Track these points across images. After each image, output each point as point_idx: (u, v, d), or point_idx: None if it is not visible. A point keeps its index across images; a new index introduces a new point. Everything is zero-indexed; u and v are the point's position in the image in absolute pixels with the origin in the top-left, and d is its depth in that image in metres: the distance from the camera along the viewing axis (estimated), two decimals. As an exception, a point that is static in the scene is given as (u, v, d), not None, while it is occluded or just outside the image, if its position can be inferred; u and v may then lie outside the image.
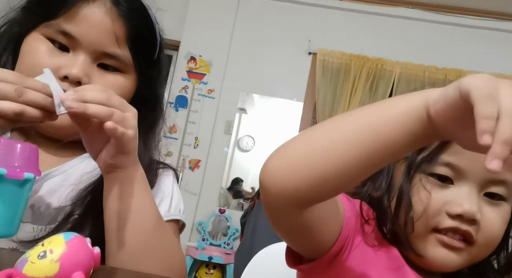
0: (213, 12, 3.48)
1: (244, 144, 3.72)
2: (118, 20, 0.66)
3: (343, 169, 0.43)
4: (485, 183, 0.55)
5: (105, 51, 0.66)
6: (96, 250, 0.41)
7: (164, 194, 0.72)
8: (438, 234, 0.55)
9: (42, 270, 0.37)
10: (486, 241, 0.55)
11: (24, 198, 0.51)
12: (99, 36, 0.65)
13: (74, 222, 0.63)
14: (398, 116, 0.41)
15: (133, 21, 0.67)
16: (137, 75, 0.71)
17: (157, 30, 0.73)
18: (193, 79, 3.44)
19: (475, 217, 0.53)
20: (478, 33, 3.36)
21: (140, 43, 0.69)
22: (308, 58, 3.45)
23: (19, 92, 0.51)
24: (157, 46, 0.74)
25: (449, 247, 0.54)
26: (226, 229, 3.25)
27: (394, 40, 3.40)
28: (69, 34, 0.64)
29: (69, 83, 0.63)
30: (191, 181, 3.26)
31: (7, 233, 0.50)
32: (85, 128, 0.56)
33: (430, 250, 0.55)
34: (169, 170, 0.77)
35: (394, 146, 0.41)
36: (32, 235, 0.62)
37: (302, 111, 3.43)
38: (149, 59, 0.73)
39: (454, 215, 0.54)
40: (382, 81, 3.33)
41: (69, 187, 0.66)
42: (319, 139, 0.45)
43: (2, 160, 0.48)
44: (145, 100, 0.74)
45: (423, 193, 0.56)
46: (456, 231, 0.54)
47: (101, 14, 0.65)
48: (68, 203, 0.64)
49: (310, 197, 0.46)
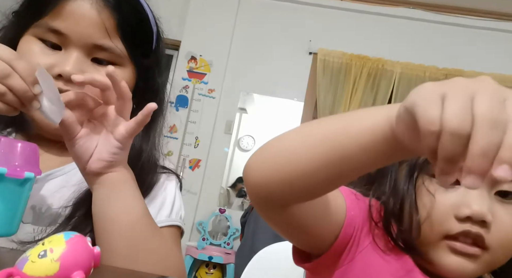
0: (214, 12, 3.48)
1: (244, 144, 3.72)
2: (105, 11, 0.64)
3: (307, 175, 0.42)
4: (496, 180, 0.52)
5: (96, 44, 0.64)
6: (96, 250, 0.41)
7: (166, 199, 0.71)
8: (449, 241, 0.52)
9: (42, 269, 0.37)
10: (501, 244, 0.51)
11: (24, 197, 0.51)
12: (87, 29, 0.64)
13: (74, 224, 0.62)
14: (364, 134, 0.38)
15: (122, 11, 0.66)
16: (134, 66, 0.70)
17: (151, 18, 0.71)
18: (194, 78, 3.44)
19: (485, 218, 0.50)
20: (479, 33, 3.35)
21: (132, 33, 0.68)
22: (308, 58, 3.45)
23: (5, 74, 0.50)
24: (153, 34, 0.72)
25: (462, 254, 0.51)
26: (226, 228, 3.25)
27: (394, 40, 3.40)
28: (57, 31, 0.63)
29: (64, 81, 0.62)
30: (191, 181, 3.26)
31: (7, 233, 0.50)
32: (73, 135, 0.56)
33: (443, 258, 0.52)
34: (172, 176, 0.76)
35: (360, 162, 0.40)
36: (32, 236, 0.62)
37: (303, 111, 3.42)
38: (145, 49, 0.72)
39: (463, 217, 0.51)
40: (382, 81, 3.33)
41: (71, 189, 0.65)
42: (287, 143, 0.45)
43: (3, 159, 0.48)
44: (145, 91, 0.72)
45: (427, 197, 0.53)
46: (467, 235, 0.51)
47: (86, 6, 0.64)
48: (69, 204, 0.64)
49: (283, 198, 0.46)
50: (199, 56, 3.45)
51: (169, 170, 0.76)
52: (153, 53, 0.73)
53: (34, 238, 0.61)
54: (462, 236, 0.51)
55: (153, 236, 0.60)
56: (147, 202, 0.64)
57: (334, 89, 3.35)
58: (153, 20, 0.72)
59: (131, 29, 0.67)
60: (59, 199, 0.65)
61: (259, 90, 3.49)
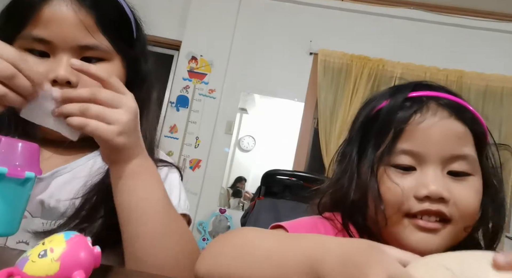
0: (215, 12, 3.48)
1: (245, 144, 3.72)
2: (81, 11, 0.65)
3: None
4: (446, 161, 0.56)
5: (81, 44, 0.65)
6: (96, 249, 0.41)
7: (173, 190, 0.72)
8: (411, 219, 0.56)
9: (42, 269, 0.37)
10: (462, 214, 0.56)
11: (25, 197, 0.51)
12: (69, 32, 0.64)
13: (83, 217, 0.63)
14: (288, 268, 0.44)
15: (98, 7, 0.67)
16: (121, 58, 0.71)
17: (127, 8, 0.73)
18: (194, 79, 3.44)
19: (442, 195, 0.55)
20: (480, 34, 3.35)
21: (112, 27, 0.69)
22: (309, 59, 3.45)
23: (11, 75, 0.51)
24: (132, 24, 0.73)
25: (426, 229, 0.55)
26: (226, 229, 3.25)
27: (395, 40, 3.39)
28: (41, 39, 0.64)
29: (59, 85, 0.63)
30: (191, 181, 3.26)
31: (7, 232, 0.50)
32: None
33: (409, 237, 0.56)
34: (174, 168, 0.78)
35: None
36: (42, 229, 0.63)
37: (303, 111, 3.42)
38: (128, 40, 0.73)
39: (421, 197, 0.55)
40: (383, 81, 3.32)
41: (80, 182, 0.67)
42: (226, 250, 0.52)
43: (3, 159, 0.48)
44: (134, 79, 0.73)
45: (389, 184, 0.57)
46: (429, 214, 0.55)
47: (62, 9, 0.64)
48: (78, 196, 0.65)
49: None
50: (200, 56, 3.45)
51: (170, 163, 0.77)
52: (135, 42, 0.75)
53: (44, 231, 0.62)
54: (426, 215, 0.56)
55: (176, 220, 0.62)
56: None
57: (335, 90, 3.35)
58: (128, 9, 0.73)
59: (110, 23, 0.68)
60: (67, 193, 0.66)
61: (260, 90, 3.49)
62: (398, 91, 0.63)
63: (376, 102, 0.64)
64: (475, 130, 0.59)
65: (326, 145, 3.26)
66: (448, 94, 0.61)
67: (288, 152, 3.37)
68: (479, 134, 0.60)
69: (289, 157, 3.35)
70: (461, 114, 0.59)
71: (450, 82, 3.20)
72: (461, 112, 0.59)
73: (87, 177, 0.66)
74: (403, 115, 0.59)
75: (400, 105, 0.60)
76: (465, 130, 0.58)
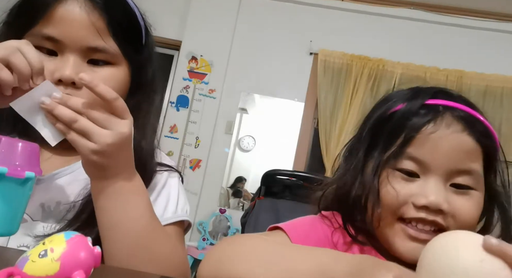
0: (215, 12, 3.48)
1: (245, 144, 3.72)
2: (94, 13, 0.65)
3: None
4: (450, 174, 0.57)
5: (90, 46, 0.65)
6: (96, 250, 0.41)
7: (170, 197, 0.72)
8: (403, 224, 0.57)
9: (42, 269, 0.37)
10: (459, 226, 0.56)
11: (25, 197, 0.51)
12: (80, 33, 0.64)
13: (84, 221, 0.63)
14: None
15: (110, 11, 0.67)
16: (128, 63, 0.71)
17: (138, 14, 0.73)
18: (194, 79, 3.44)
19: (442, 207, 0.55)
20: (480, 34, 3.35)
21: (123, 31, 0.69)
22: (309, 59, 3.45)
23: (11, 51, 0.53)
24: (142, 30, 0.74)
25: (417, 240, 0.56)
26: (226, 229, 3.25)
27: (395, 40, 3.39)
28: (51, 38, 0.64)
29: (64, 85, 0.63)
30: (191, 181, 3.26)
31: (7, 232, 0.50)
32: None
33: (397, 243, 0.57)
34: (175, 173, 0.77)
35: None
36: (43, 233, 0.63)
37: (303, 111, 3.42)
38: (137, 45, 0.73)
39: (419, 206, 0.56)
40: (383, 82, 3.32)
41: (80, 184, 0.67)
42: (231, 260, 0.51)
43: (3, 159, 0.48)
44: (139, 85, 0.74)
45: (390, 187, 0.58)
46: (424, 222, 0.56)
47: (76, 10, 0.64)
48: (78, 199, 0.65)
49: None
50: (200, 56, 3.45)
51: (170, 167, 0.77)
52: (143, 48, 0.75)
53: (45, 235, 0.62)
54: (420, 223, 0.56)
55: (156, 240, 0.61)
56: (152, 202, 0.65)
57: (335, 90, 3.35)
58: (140, 15, 0.74)
59: (121, 27, 0.68)
60: (68, 195, 0.66)
61: (260, 90, 3.49)
62: (416, 96, 0.62)
63: (392, 103, 0.63)
64: (486, 145, 0.59)
65: (326, 145, 3.26)
66: (466, 106, 0.60)
67: (288, 152, 3.37)
68: (490, 149, 0.59)
69: (289, 157, 3.35)
70: (475, 129, 0.58)
71: (450, 82, 3.20)
72: (475, 127, 0.58)
73: (88, 179, 0.66)
74: (417, 123, 0.58)
75: (416, 111, 0.59)
76: (475, 146, 0.58)
